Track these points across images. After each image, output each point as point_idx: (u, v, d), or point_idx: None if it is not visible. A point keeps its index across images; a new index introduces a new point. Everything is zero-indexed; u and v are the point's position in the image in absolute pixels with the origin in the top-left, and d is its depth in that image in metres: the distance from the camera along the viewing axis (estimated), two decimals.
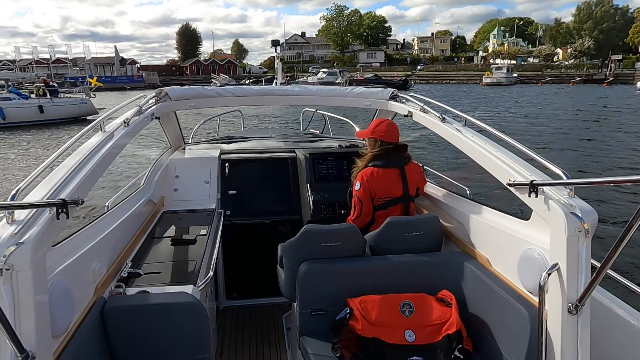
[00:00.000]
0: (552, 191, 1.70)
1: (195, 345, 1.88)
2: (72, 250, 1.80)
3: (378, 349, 2.05)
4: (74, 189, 1.65)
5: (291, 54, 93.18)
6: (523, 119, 22.86)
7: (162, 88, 3.37)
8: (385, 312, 2.15)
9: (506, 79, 53.78)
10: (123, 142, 2.34)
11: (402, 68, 73.83)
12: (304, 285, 2.27)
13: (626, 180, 1.30)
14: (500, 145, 2.22)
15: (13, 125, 20.81)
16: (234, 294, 3.78)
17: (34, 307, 1.32)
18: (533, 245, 1.85)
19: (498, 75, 54.66)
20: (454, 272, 2.34)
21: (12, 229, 1.33)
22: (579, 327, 1.58)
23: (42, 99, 22.42)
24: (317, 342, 2.21)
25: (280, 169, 3.91)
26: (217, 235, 2.83)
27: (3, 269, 1.26)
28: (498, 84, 52.73)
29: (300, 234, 2.34)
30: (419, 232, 2.46)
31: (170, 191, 3.49)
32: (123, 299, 1.95)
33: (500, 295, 1.97)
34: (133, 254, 2.47)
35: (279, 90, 3.80)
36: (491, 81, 53.96)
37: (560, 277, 1.59)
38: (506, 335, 1.94)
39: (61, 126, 21.54)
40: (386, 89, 3.65)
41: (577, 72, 58.05)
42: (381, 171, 2.73)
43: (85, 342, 1.66)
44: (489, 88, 49.99)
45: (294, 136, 5.09)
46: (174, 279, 2.22)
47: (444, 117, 2.71)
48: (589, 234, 1.56)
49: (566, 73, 58.80)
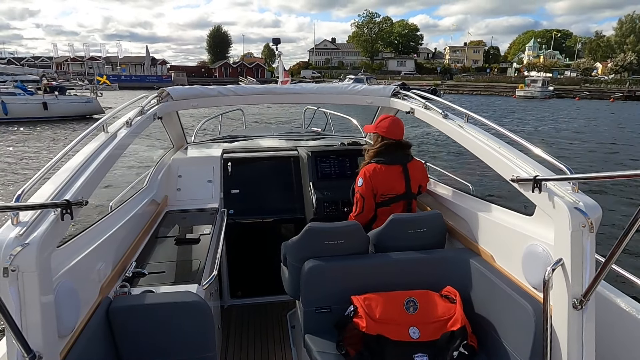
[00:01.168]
0: (555, 186, 1.69)
1: (200, 344, 1.88)
2: (77, 251, 1.80)
3: (382, 346, 2.03)
4: (78, 190, 1.64)
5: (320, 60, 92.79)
6: (559, 132, 21.69)
7: (163, 88, 3.34)
8: (390, 309, 2.13)
9: (541, 92, 50.83)
10: (126, 142, 2.32)
11: (431, 77, 72.07)
12: (308, 283, 2.26)
13: (630, 175, 1.29)
14: (503, 141, 2.20)
15: (15, 120, 20.74)
16: (238, 292, 3.79)
17: (40, 308, 1.32)
18: (537, 241, 1.85)
19: (533, 88, 51.80)
20: (458, 269, 2.33)
21: (17, 231, 1.32)
22: (584, 322, 1.57)
23: (47, 96, 22.33)
24: (322, 339, 2.21)
25: (283, 168, 3.90)
26: (220, 235, 2.83)
27: (9, 270, 1.27)
28: (532, 97, 50.01)
29: (304, 232, 2.32)
30: (423, 229, 2.45)
31: (173, 191, 3.48)
32: (128, 298, 1.94)
33: (505, 291, 1.97)
34: (137, 254, 2.47)
35: (280, 88, 3.78)
36: (525, 94, 51.18)
37: (564, 273, 1.58)
38: (511, 331, 1.94)
39: (64, 124, 21.35)
40: (387, 85, 3.62)
41: (618, 88, 54.41)
42: (384, 168, 2.73)
43: (91, 341, 1.66)
44: (522, 101, 47.62)
45: (296, 134, 5.06)
46: (178, 279, 2.22)
47: (446, 113, 2.68)
48: (593, 229, 1.55)
49: (606, 88, 55.11)
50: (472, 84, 65.92)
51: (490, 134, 2.33)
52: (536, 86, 52.31)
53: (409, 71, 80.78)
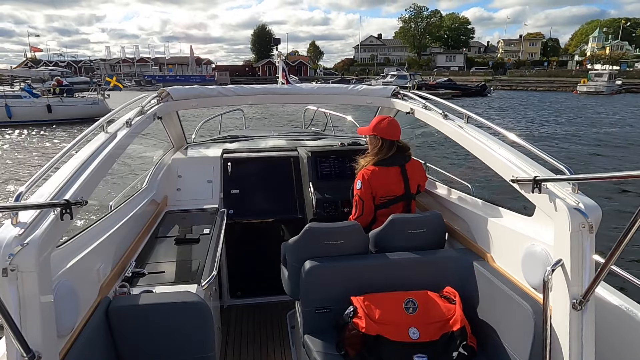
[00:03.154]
0: (555, 187, 1.69)
1: (199, 343, 1.88)
2: (77, 251, 1.81)
3: (382, 347, 2.02)
4: (78, 190, 1.64)
5: (365, 56, 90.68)
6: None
7: (163, 88, 3.34)
8: (389, 310, 2.12)
9: (607, 87, 45.70)
10: (126, 142, 2.32)
11: (482, 72, 67.59)
12: (308, 284, 2.25)
13: (630, 176, 1.29)
14: (503, 142, 2.19)
15: (19, 123, 20.40)
16: (238, 292, 3.77)
17: (39, 308, 1.32)
18: (537, 242, 1.86)
19: (597, 83, 46.60)
20: (457, 269, 2.33)
21: (16, 230, 1.32)
22: (584, 323, 1.57)
23: (51, 98, 21.83)
24: (321, 340, 2.20)
25: (283, 168, 3.89)
26: (220, 235, 2.82)
27: (8, 269, 1.27)
28: (597, 93, 45.03)
29: (303, 232, 2.32)
30: (422, 230, 2.44)
31: (173, 191, 3.49)
32: (127, 298, 1.94)
33: (504, 292, 1.97)
34: (137, 254, 2.47)
35: (280, 89, 3.76)
36: (588, 89, 46.28)
37: (564, 273, 1.58)
38: (510, 332, 1.94)
39: (70, 127, 20.87)
40: (388, 86, 3.64)
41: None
42: (382, 170, 2.72)
43: (90, 341, 1.66)
44: (584, 97, 42.78)
45: (296, 135, 5.02)
46: (178, 279, 2.22)
47: (446, 114, 2.68)
48: (593, 229, 1.55)
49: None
50: (527, 79, 60.67)
51: (490, 134, 2.33)
52: (601, 80, 46.86)
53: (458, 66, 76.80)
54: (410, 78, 43.52)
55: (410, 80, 41.75)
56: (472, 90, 44.69)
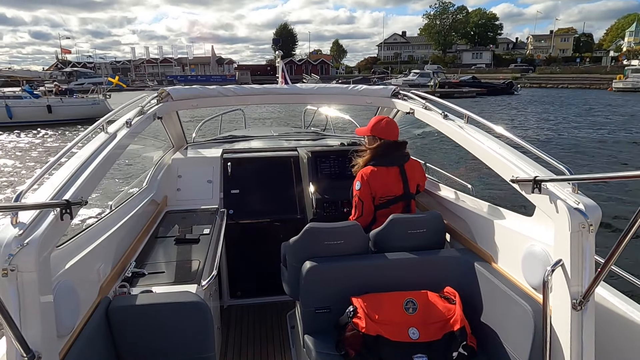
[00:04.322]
0: (555, 187, 1.68)
1: (199, 344, 1.88)
2: (76, 251, 1.81)
3: (382, 347, 2.02)
4: (78, 190, 1.64)
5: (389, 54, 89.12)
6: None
7: (164, 88, 3.35)
8: (389, 310, 2.12)
9: None
10: (125, 142, 2.32)
11: (510, 69, 65.03)
12: (308, 284, 2.25)
13: (630, 176, 1.28)
14: (503, 142, 2.18)
15: (19, 124, 20.27)
16: (238, 292, 3.75)
17: (39, 308, 1.32)
18: (536, 242, 1.85)
19: (634, 79, 43.60)
20: (457, 269, 2.32)
21: (16, 230, 1.32)
22: (584, 323, 1.57)
23: (51, 99, 21.64)
24: (321, 340, 2.20)
25: (283, 168, 3.88)
26: (220, 235, 2.82)
27: (8, 270, 1.26)
28: (634, 90, 42.06)
29: (303, 232, 2.32)
30: (422, 230, 2.44)
31: (173, 191, 3.48)
32: (127, 298, 1.93)
33: (504, 292, 1.96)
34: (137, 254, 2.47)
35: (280, 89, 3.77)
36: (624, 86, 43.56)
37: (564, 274, 1.58)
38: (510, 332, 1.93)
39: (71, 127, 20.65)
40: (388, 86, 3.59)
41: None
42: (381, 170, 2.70)
43: (90, 341, 1.66)
44: (620, 95, 40.44)
45: (296, 135, 5.03)
46: (177, 279, 2.22)
47: (446, 114, 2.66)
48: (593, 229, 1.54)
49: None
50: (558, 75, 57.99)
51: (490, 134, 2.32)
52: (639, 76, 44.44)
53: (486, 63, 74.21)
54: (432, 76, 42.00)
55: (432, 79, 40.33)
56: (497, 88, 42.81)
